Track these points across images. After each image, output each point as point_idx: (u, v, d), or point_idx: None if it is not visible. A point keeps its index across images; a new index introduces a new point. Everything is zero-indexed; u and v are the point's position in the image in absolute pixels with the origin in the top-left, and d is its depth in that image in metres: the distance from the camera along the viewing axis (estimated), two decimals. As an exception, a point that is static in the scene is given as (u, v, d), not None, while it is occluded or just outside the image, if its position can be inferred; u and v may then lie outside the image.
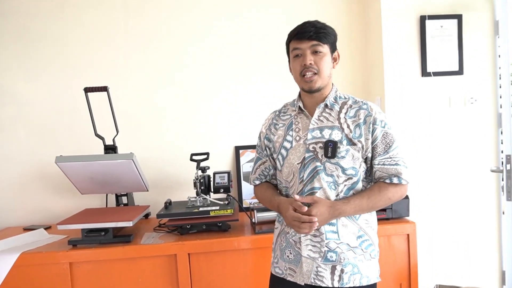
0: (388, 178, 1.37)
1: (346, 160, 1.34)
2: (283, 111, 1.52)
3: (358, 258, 1.36)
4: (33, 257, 1.79)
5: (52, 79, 2.42)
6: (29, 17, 2.39)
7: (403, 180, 1.37)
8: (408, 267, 1.96)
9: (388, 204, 1.40)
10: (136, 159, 2.00)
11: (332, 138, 1.35)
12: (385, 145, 1.36)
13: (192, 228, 1.96)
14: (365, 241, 1.38)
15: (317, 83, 1.36)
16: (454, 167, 2.35)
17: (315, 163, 1.35)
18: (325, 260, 1.34)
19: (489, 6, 2.31)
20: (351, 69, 2.57)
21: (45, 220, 2.41)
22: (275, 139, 1.48)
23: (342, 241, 1.35)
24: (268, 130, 1.52)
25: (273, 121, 1.52)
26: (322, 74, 1.36)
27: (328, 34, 1.36)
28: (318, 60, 1.35)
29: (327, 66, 1.37)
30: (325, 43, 1.36)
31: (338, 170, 1.34)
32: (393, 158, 1.37)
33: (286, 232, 1.43)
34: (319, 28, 1.35)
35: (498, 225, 2.39)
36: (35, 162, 2.42)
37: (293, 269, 1.40)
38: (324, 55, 1.36)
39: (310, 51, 1.35)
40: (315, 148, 1.36)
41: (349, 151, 1.34)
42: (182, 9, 2.47)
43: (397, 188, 1.38)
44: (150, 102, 2.48)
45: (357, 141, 1.35)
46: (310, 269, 1.35)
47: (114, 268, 1.84)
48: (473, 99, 2.33)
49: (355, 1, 2.56)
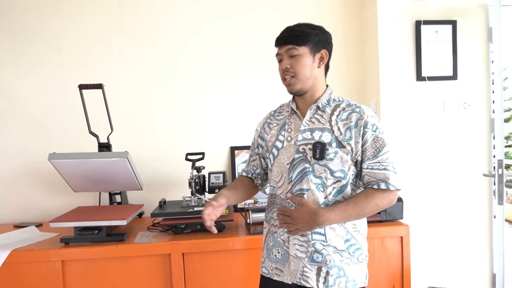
0: (376, 183, 1.34)
1: (335, 162, 1.34)
2: (279, 111, 1.53)
3: (344, 261, 1.35)
4: (24, 254, 1.77)
5: (46, 75, 2.40)
6: (23, 12, 2.37)
7: (391, 186, 1.33)
8: (401, 269, 1.98)
9: (377, 211, 1.36)
10: (131, 158, 1.98)
11: (322, 140, 1.34)
12: (374, 149, 1.34)
13: (187, 227, 1.95)
14: (352, 245, 1.37)
15: (296, 86, 1.37)
16: (447, 171, 2.38)
17: (304, 164, 1.35)
18: (311, 260, 1.34)
19: (483, 12, 2.36)
20: (347, 72, 2.59)
21: (36, 217, 2.39)
22: (268, 138, 1.49)
23: (329, 244, 1.34)
24: (263, 129, 1.54)
25: (268, 120, 1.54)
26: (299, 76, 1.36)
27: (304, 36, 1.35)
28: (293, 63, 1.36)
29: (304, 68, 1.36)
30: (301, 45, 1.35)
31: (326, 172, 1.34)
32: (381, 162, 1.34)
33: (274, 232, 1.42)
34: (294, 31, 1.36)
35: (489, 228, 2.42)
36: (27, 159, 2.39)
37: (280, 269, 1.40)
38: (300, 57, 1.35)
39: (287, 55, 1.36)
40: (305, 149, 1.36)
41: (337, 153, 1.34)
42: (178, 8, 2.47)
43: (385, 194, 1.34)
44: (145, 100, 2.47)
45: (346, 144, 1.34)
46: (296, 268, 1.36)
47: (107, 267, 1.82)
48: (466, 104, 2.36)
49: (352, 5, 2.58)
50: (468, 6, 2.34)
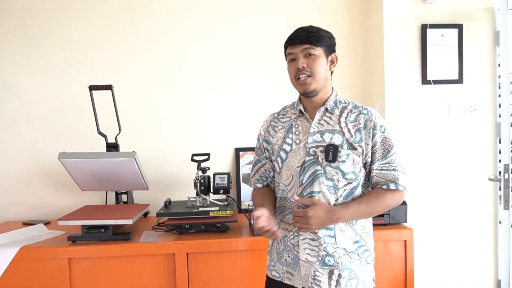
0: (385, 183, 1.38)
1: (347, 164, 1.35)
2: (282, 114, 1.52)
3: (354, 263, 1.36)
4: (32, 251, 1.81)
5: (56, 76, 2.45)
6: (34, 14, 2.42)
7: (400, 186, 1.37)
8: (404, 273, 1.97)
9: (385, 210, 1.40)
10: (138, 158, 2.01)
11: (333, 142, 1.35)
12: (383, 150, 1.37)
13: (191, 228, 1.98)
14: (361, 246, 1.38)
15: (311, 85, 1.37)
16: (452, 175, 2.37)
17: (316, 166, 1.36)
18: (322, 264, 1.34)
19: (489, 16, 2.35)
20: (352, 75, 2.59)
21: (45, 215, 2.43)
22: (274, 141, 1.47)
23: (339, 246, 1.35)
24: (267, 132, 1.52)
25: (272, 123, 1.52)
26: (316, 76, 1.36)
27: (320, 37, 1.37)
28: (310, 63, 1.36)
29: (321, 68, 1.37)
30: (317, 46, 1.36)
31: (338, 174, 1.35)
32: (391, 163, 1.37)
33: (284, 236, 1.42)
34: (311, 32, 1.37)
35: (494, 233, 2.40)
36: (36, 158, 2.44)
37: (290, 272, 1.40)
38: (317, 57, 1.36)
39: (303, 55, 1.36)
40: (316, 151, 1.36)
41: (349, 155, 1.35)
42: (185, 11, 2.50)
43: (395, 194, 1.38)
44: (153, 102, 2.50)
45: (358, 146, 1.35)
46: (308, 273, 1.35)
47: (112, 265, 1.85)
48: (472, 108, 2.35)
49: (357, 9, 2.59)
50: (474, 10, 2.33)
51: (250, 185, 1.62)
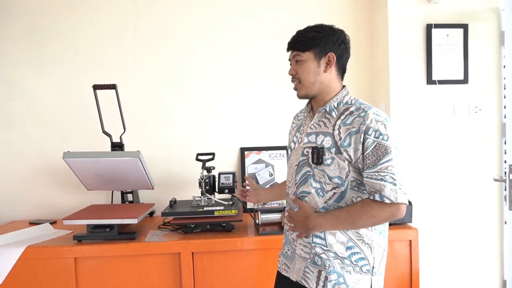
0: (372, 194, 1.26)
1: (332, 168, 1.30)
2: (301, 112, 1.55)
3: (346, 269, 1.31)
4: (38, 251, 1.82)
5: (61, 76, 2.46)
6: (39, 14, 2.43)
7: (385, 198, 1.22)
8: (409, 273, 1.97)
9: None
10: (143, 157, 2.02)
11: (323, 144, 1.32)
12: (375, 158, 1.24)
13: (196, 227, 1.98)
14: (355, 253, 1.32)
15: (301, 91, 1.38)
16: (457, 175, 2.36)
17: (307, 167, 1.36)
18: (313, 262, 1.34)
19: (495, 16, 2.34)
20: (357, 75, 2.59)
21: (51, 214, 2.44)
22: (289, 138, 1.54)
23: (330, 249, 1.32)
24: (291, 129, 1.56)
25: (293, 120, 1.57)
26: (303, 82, 1.36)
27: (308, 41, 1.33)
28: (298, 69, 1.37)
29: (307, 73, 1.35)
30: (303, 50, 1.34)
31: (325, 177, 1.31)
32: (380, 172, 1.24)
33: (286, 230, 1.46)
34: (297, 37, 1.36)
35: (500, 234, 2.40)
36: (42, 157, 2.45)
37: (287, 265, 1.43)
38: (303, 62, 1.35)
39: (294, 61, 1.38)
40: (308, 152, 1.35)
41: (334, 159, 1.29)
42: (190, 11, 2.51)
43: (383, 206, 1.24)
44: (157, 101, 2.51)
45: (343, 150, 1.28)
46: (300, 267, 1.38)
47: (118, 265, 1.86)
48: (477, 108, 2.35)
49: (362, 9, 2.59)
50: (480, 10, 2.33)
51: None
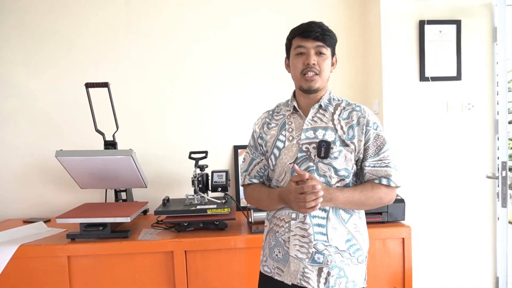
0: (378, 179, 1.38)
1: (339, 161, 1.35)
2: (277, 111, 1.52)
3: (345, 261, 1.35)
4: (32, 249, 1.82)
5: (55, 74, 2.46)
6: (33, 11, 2.43)
7: (392, 182, 1.37)
8: (402, 271, 1.98)
9: (378, 205, 1.39)
10: (135, 156, 2.02)
11: (326, 138, 1.36)
12: (376, 147, 1.38)
13: (189, 225, 1.98)
14: (353, 245, 1.37)
15: (317, 83, 1.37)
16: (450, 172, 2.37)
17: (308, 163, 1.36)
18: (312, 261, 1.34)
19: (488, 12, 2.34)
20: (350, 72, 2.59)
21: (45, 213, 2.44)
22: (267, 138, 1.47)
23: (331, 244, 1.34)
24: (261, 129, 1.51)
25: (266, 120, 1.51)
26: (323, 75, 1.37)
27: (331, 37, 1.38)
28: (321, 62, 1.36)
29: (328, 68, 1.39)
30: (329, 45, 1.37)
31: (330, 170, 1.35)
32: (383, 160, 1.37)
33: (275, 231, 1.42)
34: (325, 30, 1.36)
35: (493, 231, 2.40)
36: (36, 156, 2.45)
37: (281, 268, 1.40)
38: (326, 57, 1.38)
39: (315, 51, 1.36)
40: (308, 148, 1.36)
41: (342, 152, 1.35)
42: (184, 9, 2.50)
43: (388, 190, 1.38)
44: (151, 99, 2.51)
45: (350, 143, 1.36)
46: (297, 269, 1.35)
47: (111, 263, 1.86)
48: (470, 105, 2.35)
49: (355, 6, 2.58)
50: (472, 6, 2.32)
51: (244, 182, 1.56)
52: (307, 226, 1.34)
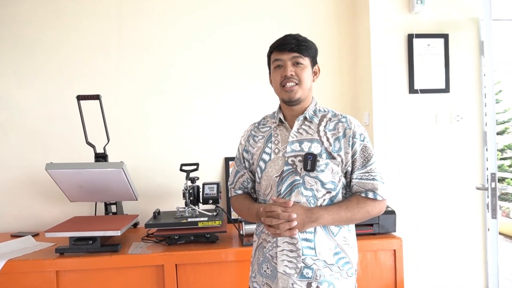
0: (364, 192, 1.36)
1: (326, 174, 1.33)
2: (263, 123, 1.52)
3: (334, 275, 1.32)
4: (19, 264, 1.79)
5: (45, 85, 2.45)
6: (23, 24, 2.43)
7: (379, 196, 1.35)
8: (394, 282, 1.97)
9: (367, 218, 1.37)
10: (126, 168, 2.01)
11: (312, 151, 1.34)
12: (363, 159, 1.36)
13: (180, 238, 1.97)
14: (342, 258, 1.35)
15: (298, 94, 1.37)
16: (440, 184, 2.39)
17: (294, 176, 1.33)
18: (300, 276, 1.31)
19: (474, 26, 2.38)
20: (340, 84, 2.62)
21: (34, 227, 2.41)
22: (253, 151, 1.46)
23: (319, 258, 1.31)
24: (247, 142, 1.50)
25: (252, 132, 1.51)
26: (303, 85, 1.37)
27: (309, 47, 1.37)
28: (299, 71, 1.36)
29: (308, 77, 1.38)
30: (306, 55, 1.37)
31: (317, 184, 1.33)
32: (370, 173, 1.35)
33: (263, 247, 1.40)
34: (300, 41, 1.37)
35: (483, 242, 2.42)
36: (25, 168, 2.42)
37: (269, 285, 1.36)
38: (305, 67, 1.37)
39: (291, 63, 1.36)
40: (294, 161, 1.34)
41: (328, 164, 1.33)
42: (173, 20, 2.52)
43: (375, 203, 1.36)
44: (142, 111, 2.50)
45: (337, 155, 1.34)
46: (285, 285, 1.32)
47: (101, 277, 1.83)
48: (459, 117, 2.38)
49: (345, 19, 2.62)
50: (459, 20, 2.37)
51: (230, 194, 1.58)
52: (295, 240, 1.32)
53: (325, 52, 2.58)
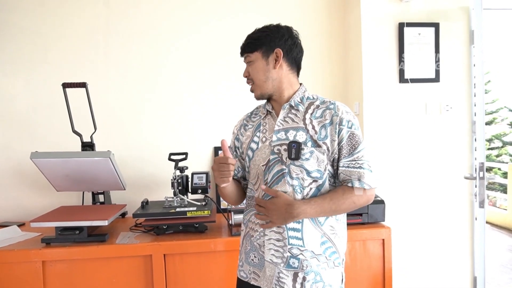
0: (351, 181, 1.32)
1: (311, 162, 1.31)
2: (255, 113, 1.52)
3: (321, 265, 1.32)
4: (4, 254, 1.76)
5: (32, 74, 2.40)
6: (8, 10, 2.36)
7: (365, 185, 1.31)
8: (382, 272, 1.99)
9: (353, 209, 1.35)
10: (114, 157, 1.98)
11: (297, 139, 1.32)
12: (350, 147, 1.31)
13: (169, 228, 1.95)
14: (328, 248, 1.34)
15: (256, 91, 1.41)
16: (429, 173, 2.40)
17: (280, 165, 1.33)
18: (287, 266, 1.31)
19: (465, 16, 2.38)
20: (330, 73, 2.60)
21: (19, 217, 2.38)
22: (243, 140, 1.47)
23: (307, 248, 1.31)
24: (239, 131, 1.52)
25: (244, 122, 1.52)
26: (256, 82, 1.40)
27: (254, 42, 1.39)
28: (250, 70, 1.41)
29: (257, 73, 1.39)
30: (252, 51, 1.39)
31: (303, 172, 1.31)
32: (357, 160, 1.31)
33: (251, 235, 1.40)
34: (248, 38, 1.42)
35: (471, 231, 2.45)
36: (10, 158, 2.38)
37: (257, 273, 1.37)
38: (253, 63, 1.40)
39: (247, 64, 1.43)
40: (280, 150, 1.33)
41: (313, 153, 1.31)
42: (165, 10, 2.47)
43: (362, 192, 1.33)
44: (130, 100, 2.47)
45: (322, 143, 1.31)
46: (272, 274, 1.33)
47: (88, 268, 1.82)
48: (448, 107, 2.38)
49: (335, 8, 2.60)
50: (450, 9, 2.36)
51: None
52: (281, 230, 1.32)
53: (315, 41, 2.57)
